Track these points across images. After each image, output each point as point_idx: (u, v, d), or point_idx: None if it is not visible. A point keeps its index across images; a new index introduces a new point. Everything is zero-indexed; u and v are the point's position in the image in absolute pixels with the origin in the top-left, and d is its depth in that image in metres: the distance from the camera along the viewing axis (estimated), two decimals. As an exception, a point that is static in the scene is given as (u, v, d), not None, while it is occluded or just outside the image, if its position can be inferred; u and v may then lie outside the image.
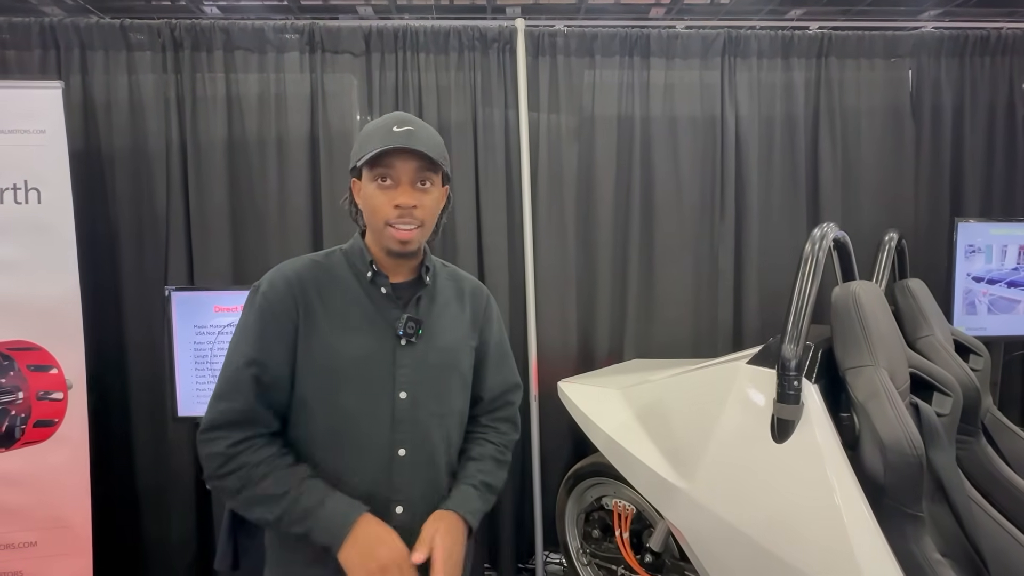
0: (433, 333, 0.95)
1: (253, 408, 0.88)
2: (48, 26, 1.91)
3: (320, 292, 0.92)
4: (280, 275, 0.93)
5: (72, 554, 1.78)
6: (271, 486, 0.85)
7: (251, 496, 0.85)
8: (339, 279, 0.94)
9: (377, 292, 0.94)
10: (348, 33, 2.03)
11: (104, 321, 1.96)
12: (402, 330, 0.91)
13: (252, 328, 0.90)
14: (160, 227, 1.99)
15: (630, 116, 2.12)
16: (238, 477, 0.86)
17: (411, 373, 0.92)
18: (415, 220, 0.89)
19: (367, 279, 0.94)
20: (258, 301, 0.91)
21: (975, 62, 2.19)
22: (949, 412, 1.23)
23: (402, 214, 0.88)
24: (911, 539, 0.99)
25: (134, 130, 1.96)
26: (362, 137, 0.92)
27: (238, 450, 0.86)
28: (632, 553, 1.76)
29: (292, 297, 0.91)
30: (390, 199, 0.88)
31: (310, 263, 0.95)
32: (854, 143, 2.19)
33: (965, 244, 2.06)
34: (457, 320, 1.00)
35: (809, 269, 1.14)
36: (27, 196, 1.73)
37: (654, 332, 2.18)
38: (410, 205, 0.88)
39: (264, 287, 0.92)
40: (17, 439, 1.75)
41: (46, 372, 1.76)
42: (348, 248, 0.98)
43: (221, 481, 0.87)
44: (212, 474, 0.87)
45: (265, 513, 0.85)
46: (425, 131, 0.91)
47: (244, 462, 0.86)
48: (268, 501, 0.85)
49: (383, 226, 0.89)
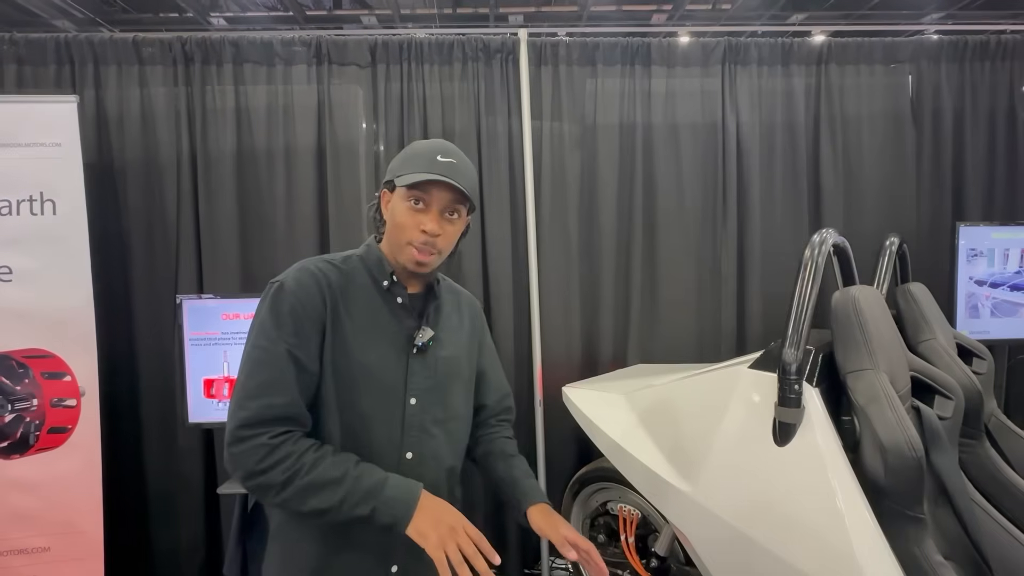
0: (440, 343, 0.99)
1: (297, 403, 0.87)
2: (63, 42, 1.96)
3: (344, 295, 0.93)
4: (307, 273, 0.92)
5: (84, 559, 1.81)
6: (328, 470, 0.83)
7: (305, 484, 0.82)
8: (359, 285, 0.95)
9: (393, 301, 0.96)
10: (354, 45, 2.07)
11: (116, 329, 2.00)
12: (421, 342, 0.95)
13: (286, 322, 0.88)
14: (171, 237, 2.03)
15: (632, 124, 2.15)
16: (284, 468, 0.82)
17: (421, 380, 0.95)
18: (436, 248, 0.93)
19: (383, 287, 0.96)
20: (287, 297, 0.89)
21: (975, 67, 2.20)
22: (951, 415, 1.24)
23: (427, 240, 0.92)
24: (913, 541, 1.00)
25: (146, 142, 2.01)
26: (406, 156, 0.95)
27: (280, 441, 0.84)
28: (638, 558, 1.76)
29: (321, 295, 0.91)
30: (418, 222, 0.91)
31: (330, 266, 0.95)
32: (855, 149, 2.21)
33: (967, 248, 2.07)
34: (459, 331, 1.05)
35: (809, 274, 1.15)
36: (43, 207, 1.77)
37: (658, 337, 2.20)
38: (436, 234, 0.92)
39: (291, 283, 0.90)
40: (31, 445, 1.78)
41: (60, 379, 1.80)
42: (364, 255, 0.99)
43: (264, 476, 0.82)
44: (253, 469, 0.83)
45: (325, 499, 0.82)
46: (465, 165, 0.95)
47: (289, 451, 0.83)
48: (327, 486, 0.83)
49: (405, 244, 0.92)
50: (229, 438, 0.85)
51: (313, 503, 0.83)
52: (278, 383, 0.86)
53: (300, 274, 0.92)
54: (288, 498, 0.83)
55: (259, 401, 0.85)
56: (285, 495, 0.83)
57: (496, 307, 2.13)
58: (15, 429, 1.77)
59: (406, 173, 0.92)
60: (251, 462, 0.83)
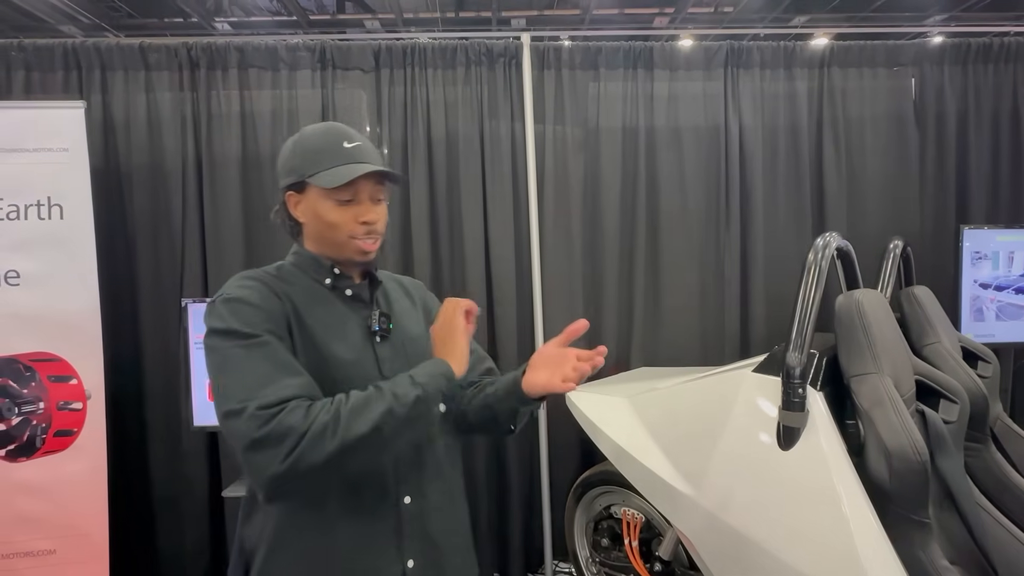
0: (400, 326, 0.98)
1: (312, 383, 0.81)
2: (71, 48, 1.98)
3: (293, 298, 0.89)
4: (246, 279, 0.88)
5: (89, 562, 1.82)
6: (359, 393, 0.80)
7: (352, 408, 0.78)
8: (303, 287, 0.91)
9: (342, 295, 0.94)
10: (358, 50, 2.08)
11: (122, 333, 2.01)
12: (377, 325, 0.93)
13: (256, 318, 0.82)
14: (176, 241, 2.04)
15: (635, 127, 2.16)
16: (327, 410, 0.77)
17: (394, 366, 0.93)
18: (378, 234, 0.93)
19: (328, 285, 0.93)
20: (240, 302, 0.83)
21: (978, 69, 2.20)
22: (956, 419, 1.24)
23: (369, 231, 0.91)
24: (918, 546, 1.00)
25: (152, 147, 2.02)
26: (307, 150, 0.90)
27: (309, 402, 0.78)
28: (641, 562, 1.76)
29: (274, 294, 0.87)
30: (354, 216, 0.89)
31: (266, 274, 0.91)
32: (858, 152, 2.21)
33: (971, 251, 2.06)
34: (413, 311, 1.04)
35: (812, 278, 1.15)
36: (50, 212, 1.79)
37: (661, 340, 2.20)
38: (374, 221, 0.91)
39: (238, 292, 0.84)
40: (38, 448, 1.80)
41: (66, 383, 1.81)
42: (296, 261, 0.95)
43: (315, 425, 0.75)
44: (301, 427, 0.74)
45: (376, 408, 0.78)
46: (369, 144, 0.93)
47: (323, 401, 0.79)
48: (371, 400, 0.79)
49: (346, 239, 0.90)
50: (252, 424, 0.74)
51: (370, 416, 0.77)
52: (282, 368, 0.79)
53: (242, 282, 0.87)
54: (347, 427, 0.76)
55: (270, 387, 0.77)
56: (341, 426, 0.76)
57: (499, 310, 2.13)
58: (22, 432, 1.79)
59: (319, 171, 0.87)
60: (295, 421, 0.74)
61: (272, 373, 0.79)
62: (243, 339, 0.80)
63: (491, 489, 2.17)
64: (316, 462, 0.74)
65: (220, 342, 0.81)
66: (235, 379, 0.78)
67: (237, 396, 0.76)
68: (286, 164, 0.92)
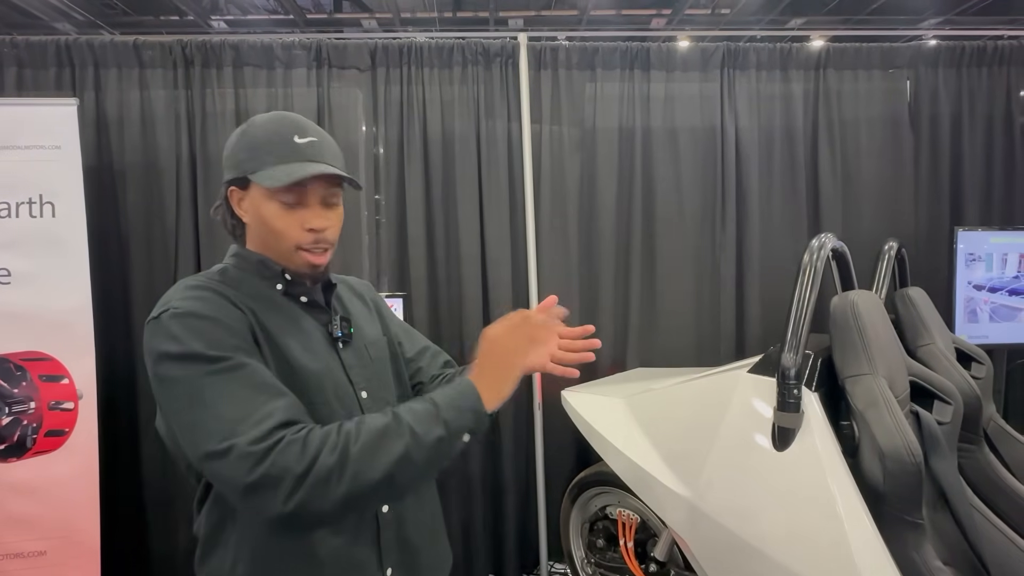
0: (359, 330, 0.92)
1: (297, 402, 0.72)
2: (64, 45, 1.97)
3: (249, 303, 0.79)
4: (200, 290, 0.76)
5: (81, 563, 1.80)
6: (374, 422, 0.70)
7: (363, 446, 0.67)
8: (255, 294, 0.81)
9: (296, 301, 0.86)
10: (354, 49, 2.08)
11: (114, 332, 2.00)
12: (339, 331, 0.86)
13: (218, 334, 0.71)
14: (170, 240, 2.02)
15: (631, 128, 2.16)
16: (331, 446, 0.66)
17: (361, 371, 0.88)
18: (327, 243, 0.82)
19: (279, 291, 0.84)
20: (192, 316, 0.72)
21: (972, 72, 2.21)
22: (950, 420, 1.24)
23: (317, 239, 0.80)
24: (912, 546, 1.00)
25: (145, 145, 2.01)
26: (252, 142, 0.79)
27: (306, 432, 0.68)
28: (637, 563, 1.76)
29: (235, 305, 0.76)
30: (300, 221, 0.79)
31: (212, 281, 0.80)
32: (853, 153, 2.22)
33: (966, 253, 2.07)
34: (368, 314, 0.98)
35: (808, 279, 1.15)
36: (42, 210, 1.77)
37: (657, 341, 2.20)
38: (323, 228, 0.80)
39: (188, 305, 0.73)
40: (29, 448, 1.78)
41: (58, 382, 1.79)
42: (240, 263, 0.84)
43: (316, 467, 0.65)
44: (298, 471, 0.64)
45: (395, 447, 0.68)
46: (327, 141, 0.82)
47: (325, 433, 0.68)
48: (387, 434, 0.68)
49: (292, 250, 0.80)
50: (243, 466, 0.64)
51: (384, 460, 0.67)
52: (262, 391, 0.69)
53: (186, 292, 0.76)
54: (356, 474, 0.66)
55: (254, 417, 0.67)
56: (349, 472, 0.66)
57: (495, 311, 2.13)
58: (12, 432, 1.77)
59: (263, 168, 0.77)
60: (291, 461, 0.64)
61: (251, 399, 0.68)
62: (209, 363, 0.69)
63: (486, 489, 2.16)
64: (323, 509, 0.66)
65: (180, 370, 0.69)
66: (209, 414, 0.67)
67: (218, 434, 0.66)
68: (230, 157, 0.81)
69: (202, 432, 0.67)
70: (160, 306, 0.75)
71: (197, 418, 0.68)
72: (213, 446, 0.66)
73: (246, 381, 0.70)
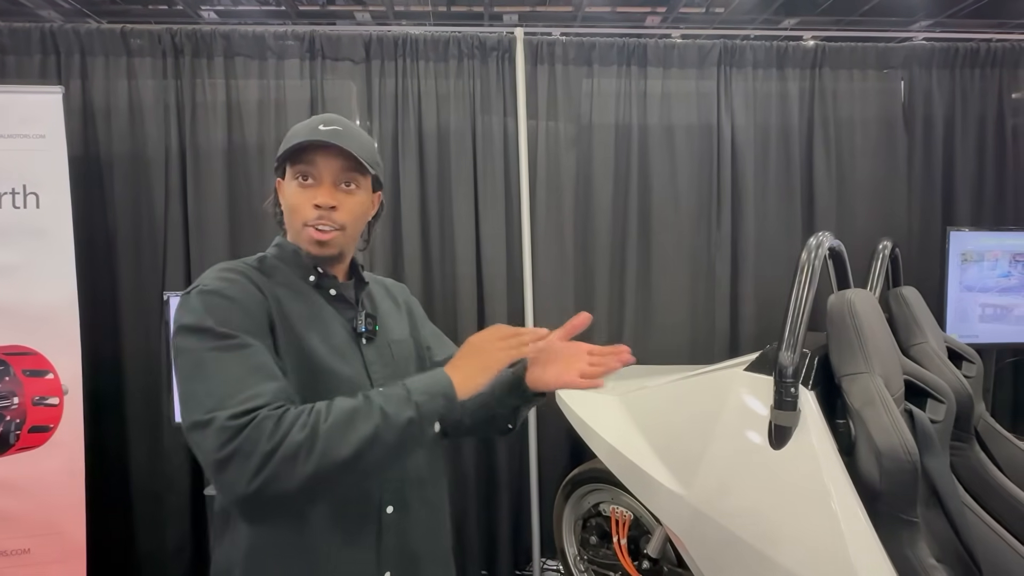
0: (385, 328, 0.94)
1: (287, 388, 0.74)
2: (49, 31, 1.92)
3: (274, 292, 0.82)
4: (227, 271, 0.81)
5: (66, 561, 1.77)
6: (345, 403, 0.71)
7: (331, 425, 0.69)
8: (285, 283, 0.85)
9: (325, 294, 0.89)
10: (348, 40, 2.04)
11: (101, 326, 1.96)
12: (363, 327, 0.88)
13: (233, 314, 0.75)
14: (158, 233, 1.99)
15: (627, 124, 2.15)
16: (302, 424, 0.68)
17: (381, 369, 0.89)
18: (334, 223, 0.84)
19: (311, 283, 0.88)
20: (218, 295, 0.76)
21: (965, 74, 2.23)
22: (943, 418, 1.25)
23: (321, 215, 0.83)
24: (906, 544, 1.00)
25: (133, 136, 1.97)
26: (288, 135, 0.87)
27: (281, 410, 0.69)
28: (630, 559, 1.76)
29: (256, 286, 0.80)
30: (310, 198, 0.83)
31: (246, 265, 0.84)
32: (848, 153, 2.23)
33: (957, 253, 2.09)
34: (397, 314, 1.00)
35: (805, 277, 1.15)
36: (26, 201, 1.73)
37: (651, 338, 2.20)
38: (329, 205, 0.83)
39: (217, 284, 0.77)
40: (12, 444, 1.74)
41: (42, 377, 1.76)
42: (278, 253, 0.89)
43: (284, 446, 0.66)
44: (266, 448, 0.66)
45: (364, 426, 0.69)
46: (355, 132, 0.87)
47: (298, 411, 0.70)
48: (358, 414, 0.70)
49: (301, 227, 0.84)
50: (219, 439, 0.66)
51: (353, 438, 0.68)
52: (255, 372, 0.72)
53: (219, 272, 0.80)
54: (324, 452, 0.67)
55: (242, 394, 0.69)
56: (318, 449, 0.67)
57: (490, 306, 2.12)
58: (-5, 428, 1.73)
59: (285, 148, 0.84)
60: (262, 437, 0.66)
61: (244, 378, 0.70)
62: (216, 339, 0.72)
63: (480, 486, 2.15)
64: (287, 488, 0.66)
65: (192, 342, 0.73)
66: (204, 386, 0.70)
67: (204, 405, 0.68)
68: (279, 151, 0.88)
69: (193, 402, 0.70)
70: (193, 284, 0.80)
71: (193, 389, 0.71)
72: (198, 416, 0.69)
73: (245, 361, 0.73)
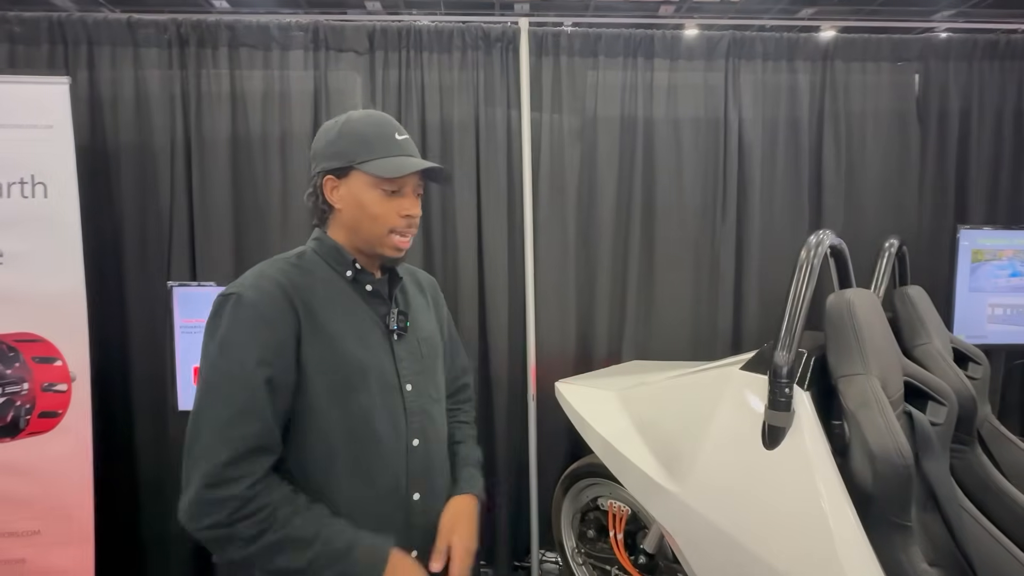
0: (416, 324, 0.98)
1: (270, 430, 0.82)
2: (56, 22, 1.93)
3: (313, 294, 0.88)
4: (268, 280, 0.86)
5: (74, 543, 1.81)
6: (301, 528, 0.79)
7: (275, 540, 0.78)
8: (323, 280, 0.91)
9: (362, 290, 0.93)
10: (352, 31, 2.04)
11: (108, 315, 1.99)
12: (395, 324, 0.93)
13: (254, 338, 0.81)
14: (164, 222, 2.01)
15: (633, 117, 2.12)
16: (257, 521, 0.77)
17: (411, 364, 0.94)
18: (415, 229, 0.92)
19: (348, 278, 0.92)
20: (250, 310, 0.82)
21: (984, 66, 2.17)
22: (943, 421, 1.23)
23: (410, 224, 0.91)
24: (899, 548, 0.99)
25: (139, 126, 1.98)
26: (355, 136, 0.89)
27: (257, 490, 0.78)
28: (626, 554, 1.76)
29: (289, 302, 0.85)
30: (396, 208, 0.89)
31: (289, 265, 0.90)
32: (858, 147, 2.18)
33: (967, 251, 2.04)
34: (426, 311, 1.04)
35: (804, 276, 1.14)
36: (34, 190, 1.75)
37: (653, 334, 2.18)
38: (417, 216, 0.91)
39: (252, 294, 0.84)
40: (22, 429, 1.78)
41: (51, 364, 1.79)
42: (318, 248, 0.94)
43: (231, 528, 0.77)
44: (222, 521, 0.76)
45: (293, 559, 0.78)
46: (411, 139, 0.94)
47: (266, 502, 0.78)
48: (297, 545, 0.79)
49: (386, 233, 0.89)
50: (204, 478, 0.77)
51: (279, 561, 0.78)
52: (250, 410, 0.80)
53: (260, 282, 0.85)
54: (253, 554, 0.78)
55: (234, 432, 0.79)
56: (251, 550, 0.78)
57: (491, 300, 2.12)
58: (6, 413, 1.77)
59: (372, 159, 0.87)
60: (223, 514, 0.76)
61: (236, 418, 0.79)
62: (228, 365, 0.81)
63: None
64: (213, 550, 0.80)
65: (213, 352, 0.82)
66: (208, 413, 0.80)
67: (212, 427, 0.79)
68: (330, 147, 0.90)
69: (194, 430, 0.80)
70: (235, 285, 0.86)
71: (201, 408, 0.81)
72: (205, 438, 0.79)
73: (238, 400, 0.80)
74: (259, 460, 0.80)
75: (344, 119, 0.91)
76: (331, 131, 0.91)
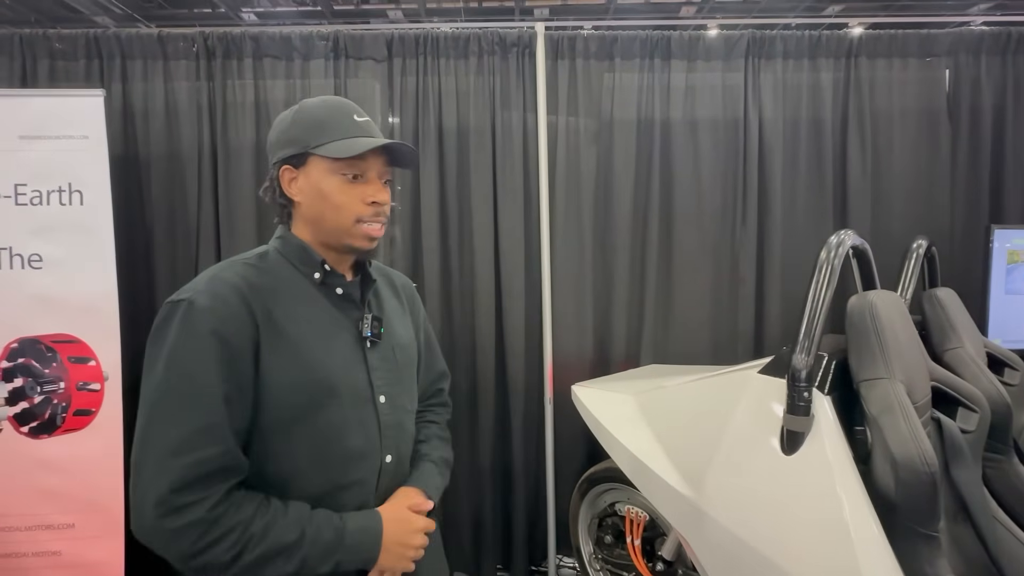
0: (391, 331, 0.91)
1: (232, 451, 0.74)
2: (93, 37, 2.02)
3: (275, 298, 0.80)
4: (222, 283, 0.77)
5: (107, 536, 1.88)
6: (282, 535, 0.74)
7: (257, 557, 0.72)
8: (287, 282, 0.83)
9: (332, 293, 0.85)
10: (371, 39, 2.08)
11: (138, 318, 2.06)
12: (369, 331, 0.85)
13: (207, 348, 0.73)
14: (191, 228, 2.07)
15: (650, 119, 2.10)
16: (231, 543, 0.71)
17: (384, 374, 0.87)
18: (385, 216, 0.85)
19: (316, 280, 0.84)
20: (203, 316, 0.74)
21: (1018, 60, 2.08)
22: (975, 428, 1.18)
23: (378, 212, 0.83)
24: (925, 560, 0.95)
25: (169, 136, 2.06)
26: (310, 121, 0.82)
27: (221, 511, 0.71)
28: (644, 561, 1.74)
29: (246, 307, 0.77)
30: (361, 195, 0.82)
31: (247, 267, 0.82)
32: (885, 147, 2.12)
33: (1003, 252, 1.96)
34: (402, 315, 0.97)
35: (824, 277, 1.11)
36: (71, 198, 1.84)
37: (672, 338, 2.16)
38: (384, 202, 0.84)
39: (205, 300, 0.75)
40: (59, 426, 1.86)
41: (85, 364, 1.87)
42: (281, 247, 0.86)
43: (205, 555, 0.70)
44: (190, 551, 0.70)
45: (282, 567, 0.74)
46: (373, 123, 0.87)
47: (235, 522, 0.72)
48: (283, 553, 0.73)
49: (353, 223, 0.82)
50: (156, 507, 0.69)
51: (269, 572, 0.73)
52: (207, 430, 0.72)
53: (214, 286, 0.77)
54: (238, 574, 0.73)
55: (188, 457, 0.70)
56: (233, 571, 0.72)
57: (508, 303, 2.12)
58: (43, 410, 1.85)
59: (327, 142, 0.80)
60: (188, 543, 0.70)
61: (190, 439, 0.71)
62: (178, 380, 0.73)
63: (496, 482, 2.17)
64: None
65: (159, 368, 0.74)
66: (159, 426, 0.72)
67: (156, 450, 0.71)
68: (284, 135, 0.83)
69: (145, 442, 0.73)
70: (185, 290, 0.78)
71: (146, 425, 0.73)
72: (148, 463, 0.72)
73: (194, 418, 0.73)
74: (218, 484, 0.72)
75: (298, 107, 0.85)
76: (285, 120, 0.84)
